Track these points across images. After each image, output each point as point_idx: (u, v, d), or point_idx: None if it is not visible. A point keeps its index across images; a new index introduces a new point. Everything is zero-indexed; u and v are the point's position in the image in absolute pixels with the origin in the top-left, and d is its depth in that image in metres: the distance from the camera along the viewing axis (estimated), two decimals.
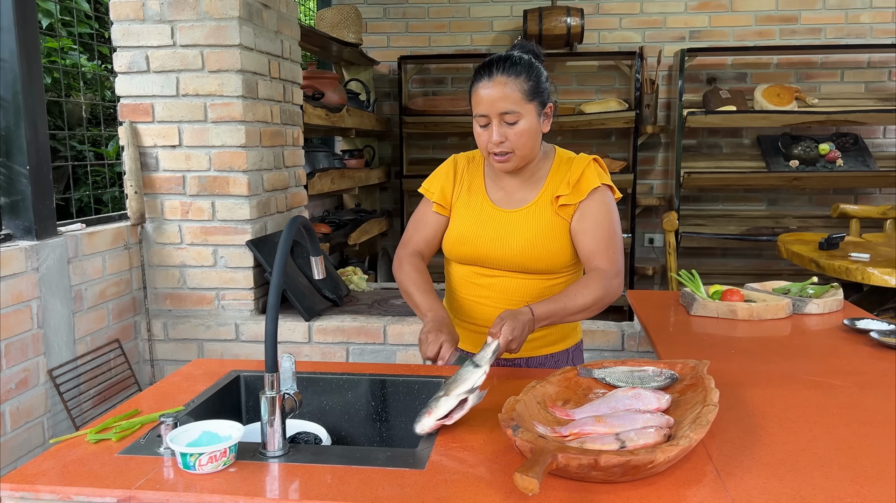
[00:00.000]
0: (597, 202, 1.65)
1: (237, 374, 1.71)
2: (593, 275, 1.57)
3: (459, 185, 1.77)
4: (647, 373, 1.52)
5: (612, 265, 1.58)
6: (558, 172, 1.69)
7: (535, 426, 1.29)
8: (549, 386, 1.45)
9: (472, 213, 1.72)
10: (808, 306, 2.22)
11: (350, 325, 2.67)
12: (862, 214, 4.31)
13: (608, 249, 1.60)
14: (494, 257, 1.68)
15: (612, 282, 1.56)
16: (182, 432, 1.26)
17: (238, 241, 2.75)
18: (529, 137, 1.61)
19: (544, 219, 1.66)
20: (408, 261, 1.79)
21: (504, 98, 1.57)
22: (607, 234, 1.61)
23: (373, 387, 1.68)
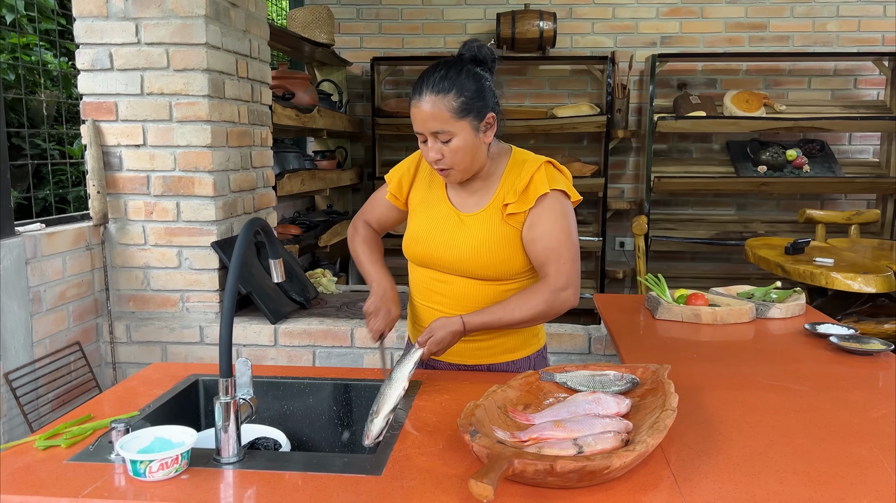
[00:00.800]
0: (546, 210, 1.60)
1: (196, 379, 1.68)
2: (537, 289, 1.57)
3: (420, 181, 1.76)
4: (609, 377, 1.52)
5: (559, 277, 1.57)
6: (511, 174, 1.65)
7: (494, 431, 1.28)
8: (510, 390, 1.44)
9: (430, 212, 1.71)
10: (771, 310, 2.25)
11: (317, 328, 2.65)
12: (828, 220, 4.37)
13: (558, 260, 1.57)
14: (445, 260, 1.67)
15: (558, 295, 1.55)
16: (133, 439, 1.23)
17: (203, 243, 2.71)
18: (465, 153, 1.57)
19: (493, 225, 1.63)
20: (361, 228, 1.84)
21: (433, 118, 1.54)
22: (556, 244, 1.58)
23: (335, 391, 1.66)
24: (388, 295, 1.66)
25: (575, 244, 1.61)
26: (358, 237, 1.83)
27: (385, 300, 1.63)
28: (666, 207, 5.07)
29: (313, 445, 1.67)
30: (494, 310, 1.55)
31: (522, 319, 1.54)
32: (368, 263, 1.76)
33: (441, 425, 1.39)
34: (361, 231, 1.84)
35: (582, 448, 1.19)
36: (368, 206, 1.87)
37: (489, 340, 1.69)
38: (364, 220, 1.86)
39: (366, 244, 1.80)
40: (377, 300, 1.64)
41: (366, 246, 1.80)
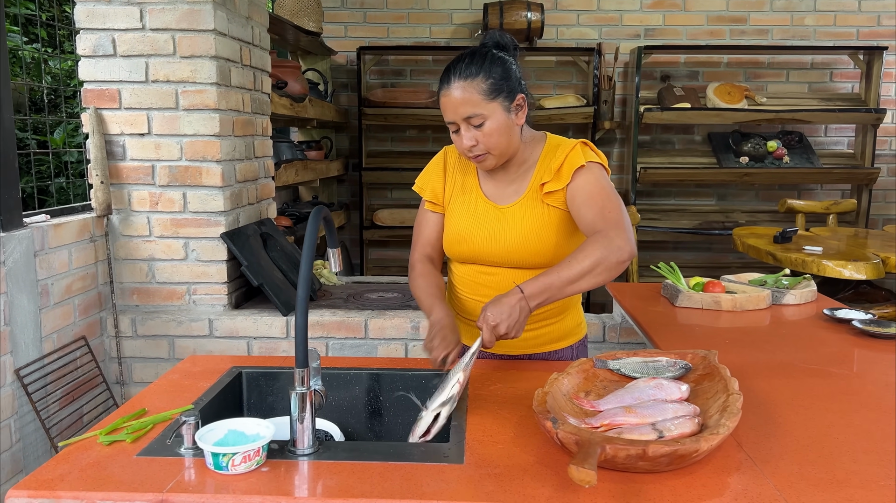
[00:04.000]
0: (583, 178, 1.59)
1: (239, 371, 1.65)
2: (591, 238, 1.50)
3: (452, 181, 1.75)
4: (662, 363, 1.54)
5: (610, 223, 1.51)
6: (547, 159, 1.66)
7: (566, 418, 1.29)
8: (570, 378, 1.45)
9: (468, 210, 1.70)
10: (786, 297, 2.30)
11: (329, 320, 2.62)
12: (807, 209, 4.50)
13: (602, 210, 1.54)
14: (492, 254, 1.67)
15: (611, 240, 1.48)
16: (207, 432, 1.20)
17: (211, 234, 2.65)
18: (501, 135, 1.58)
19: (536, 211, 1.64)
20: (415, 266, 1.78)
21: (464, 103, 1.54)
22: (600, 199, 1.56)
23: (379, 381, 1.65)
24: (445, 323, 1.58)
25: (620, 200, 1.58)
26: (415, 274, 1.77)
27: (442, 328, 1.56)
28: (650, 198, 5.15)
29: (360, 436, 1.66)
30: (550, 270, 1.48)
31: (583, 270, 1.45)
32: (425, 296, 1.70)
33: (504, 413, 1.40)
34: (418, 267, 1.77)
35: (662, 432, 1.20)
36: (416, 234, 1.82)
37: (536, 329, 1.70)
38: (419, 253, 1.79)
39: (422, 278, 1.74)
40: (433, 330, 1.58)
41: (422, 279, 1.73)
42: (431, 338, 1.56)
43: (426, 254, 1.79)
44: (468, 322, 1.77)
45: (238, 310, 2.72)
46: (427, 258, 1.79)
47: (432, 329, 1.60)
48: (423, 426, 1.33)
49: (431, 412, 1.33)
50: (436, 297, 1.69)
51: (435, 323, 1.61)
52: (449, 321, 1.61)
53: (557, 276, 1.46)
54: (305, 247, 1.25)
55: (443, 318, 1.61)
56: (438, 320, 1.61)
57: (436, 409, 1.33)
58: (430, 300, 1.69)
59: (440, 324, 1.59)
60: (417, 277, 1.75)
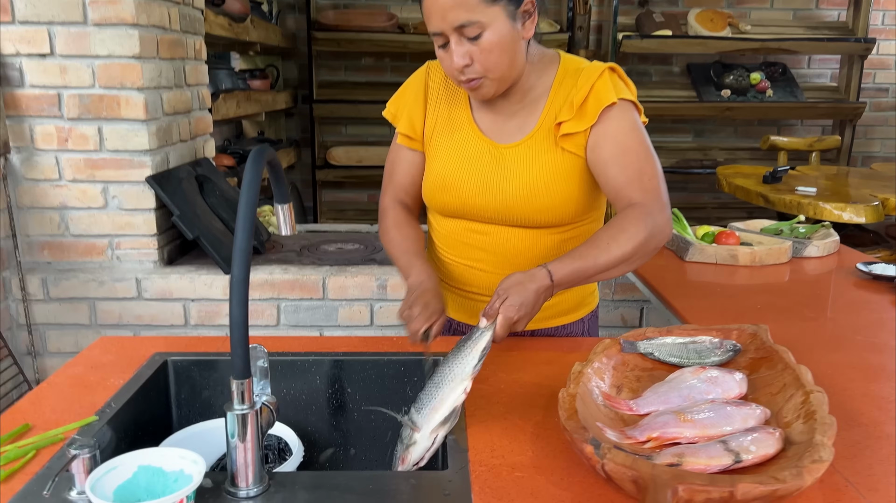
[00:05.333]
0: (615, 124, 1.25)
1: (164, 360, 1.28)
2: (629, 216, 1.19)
3: (435, 110, 1.37)
4: (704, 345, 1.23)
5: (651, 196, 1.22)
6: (563, 88, 1.29)
7: (602, 430, 0.97)
8: (597, 369, 1.13)
9: (455, 148, 1.34)
10: (808, 249, 2.02)
11: (280, 278, 2.25)
12: (790, 147, 4.24)
13: (641, 177, 1.23)
14: (486, 209, 1.31)
15: (655, 219, 1.19)
16: (108, 472, 0.84)
17: (134, 177, 2.22)
18: (503, 52, 1.20)
19: (547, 156, 1.28)
20: (387, 213, 1.43)
21: (456, 5, 1.15)
22: (636, 159, 1.24)
23: (346, 369, 1.30)
24: (426, 286, 1.26)
25: (657, 160, 1.28)
26: (387, 223, 1.42)
27: (423, 293, 1.23)
28: None
29: (323, 441, 1.32)
30: (584, 252, 1.17)
31: (623, 256, 1.16)
32: (400, 253, 1.36)
33: (514, 418, 1.07)
34: (391, 215, 1.42)
35: (739, 454, 0.89)
36: (386, 175, 1.45)
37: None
38: (390, 197, 1.44)
39: (397, 230, 1.39)
40: (411, 295, 1.25)
41: (396, 231, 1.39)
42: (410, 304, 1.22)
43: (400, 200, 1.43)
44: (452, 290, 1.42)
45: (171, 266, 2.32)
46: (401, 204, 1.43)
47: (411, 294, 1.25)
48: (416, 454, 1.00)
49: (429, 436, 0.99)
50: (414, 254, 1.34)
51: (414, 286, 1.27)
52: (431, 284, 1.27)
53: (593, 262, 1.15)
54: (242, 209, 0.87)
55: (424, 281, 1.27)
56: (418, 283, 1.27)
57: (434, 431, 0.99)
58: (406, 258, 1.34)
59: (421, 288, 1.25)
60: (390, 228, 1.40)
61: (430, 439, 1.00)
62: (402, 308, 1.24)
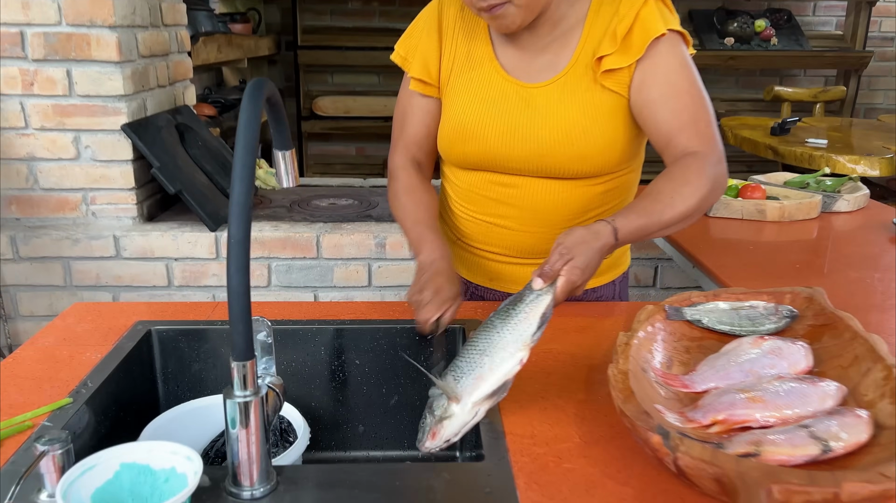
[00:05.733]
0: (664, 56, 1.10)
1: (147, 329, 1.13)
2: (690, 165, 1.05)
3: (452, 48, 1.20)
4: (758, 310, 1.10)
5: (708, 144, 1.08)
6: (600, 17, 1.13)
7: (661, 413, 0.84)
8: (645, 340, 0.99)
9: (476, 91, 1.17)
10: (838, 203, 1.89)
11: (271, 236, 2.09)
12: (794, 97, 4.10)
13: (697, 122, 1.09)
14: (513, 157, 1.16)
15: (716, 169, 1.06)
16: (84, 472, 0.70)
17: (109, 125, 2.04)
18: None
19: (585, 95, 1.13)
20: (398, 175, 1.26)
21: None
22: (692, 100, 1.10)
23: (353, 338, 1.16)
24: (438, 267, 1.11)
25: (710, 102, 1.13)
26: (397, 186, 1.25)
27: (435, 275, 1.08)
28: None
29: (329, 419, 1.18)
30: (648, 207, 1.02)
31: (687, 211, 1.03)
32: (411, 223, 1.20)
33: (553, 397, 0.94)
34: (402, 177, 1.25)
35: (827, 443, 0.77)
36: (396, 128, 1.28)
37: None
38: (401, 155, 1.27)
39: (408, 195, 1.23)
40: (422, 276, 1.10)
41: (408, 197, 1.23)
42: (420, 287, 1.07)
43: (412, 158, 1.27)
44: (469, 251, 1.28)
45: (152, 223, 2.15)
46: (413, 163, 1.27)
47: (421, 275, 1.10)
48: (452, 429, 0.85)
49: (470, 409, 0.85)
50: (426, 226, 1.19)
51: (425, 265, 1.12)
52: (444, 265, 1.11)
53: (658, 218, 1.01)
54: (240, 153, 0.71)
55: (436, 261, 1.12)
56: (430, 262, 1.12)
57: (477, 405, 0.85)
58: (418, 230, 1.19)
59: (433, 268, 1.10)
60: (401, 193, 1.24)
61: (471, 413, 0.84)
62: (411, 291, 1.09)
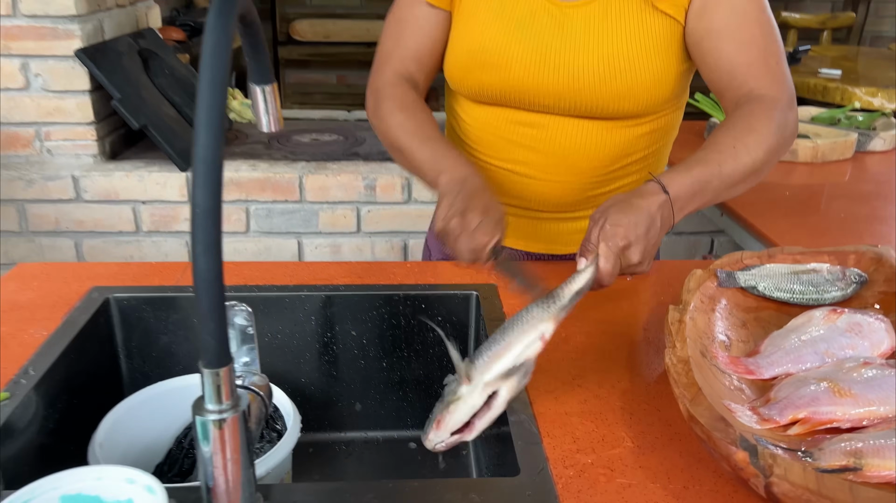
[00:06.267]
0: None
1: (105, 298, 0.96)
2: (756, 110, 0.88)
3: None
4: (822, 274, 0.94)
5: (779, 84, 0.91)
6: None
7: (733, 412, 0.70)
8: (696, 312, 0.84)
9: (499, 7, 0.97)
10: (873, 142, 1.73)
11: (248, 176, 1.89)
12: (801, 24, 3.88)
13: (767, 58, 0.91)
14: (542, 91, 0.96)
15: (786, 116, 0.89)
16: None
17: (61, 51, 1.80)
18: None
19: (634, 18, 0.93)
20: (385, 93, 1.01)
21: None
22: (762, 32, 0.92)
23: (349, 306, 1.00)
24: (473, 185, 0.86)
25: (780, 38, 0.95)
26: (388, 104, 0.99)
27: (474, 194, 0.84)
28: None
29: (322, 396, 1.03)
30: (703, 157, 0.85)
31: (752, 167, 0.86)
32: (419, 142, 0.95)
33: (589, 384, 0.79)
34: (394, 93, 1.00)
35: None
36: (390, 40, 1.03)
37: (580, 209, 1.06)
38: (393, 71, 1.02)
39: (405, 112, 0.98)
40: (455, 200, 0.83)
41: (405, 115, 0.98)
42: (460, 210, 0.82)
43: (405, 74, 1.03)
44: None
45: (115, 162, 1.94)
46: (407, 80, 1.03)
47: (453, 196, 0.84)
48: (459, 416, 0.68)
49: (481, 391, 0.68)
50: (440, 142, 0.95)
51: (454, 185, 0.87)
52: (480, 182, 0.88)
53: (717, 170, 0.84)
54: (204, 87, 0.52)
55: (468, 178, 0.88)
56: (460, 181, 0.87)
57: (490, 386, 0.68)
58: (432, 148, 0.94)
59: (468, 186, 0.85)
60: (396, 111, 0.99)
61: (482, 396, 0.67)
62: (444, 217, 0.83)
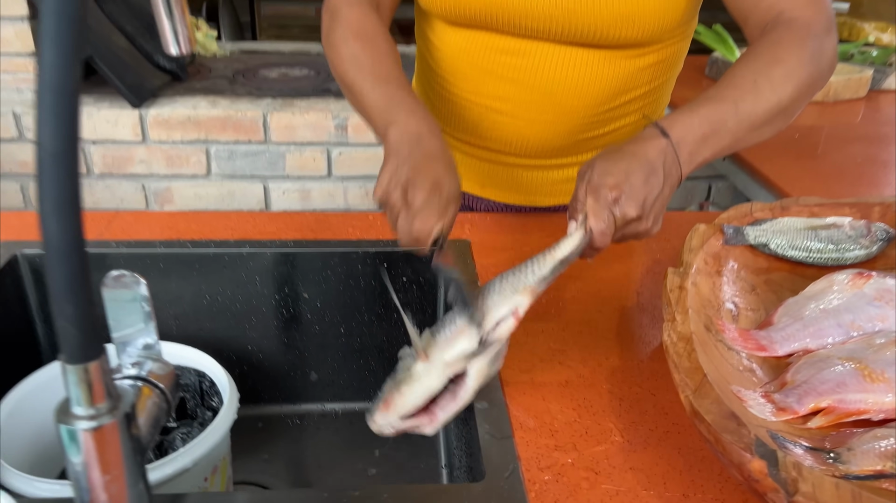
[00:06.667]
0: None
1: (14, 254, 0.82)
2: (784, 38, 0.73)
3: None
4: (844, 230, 0.82)
5: (816, 7, 0.75)
6: None
7: (744, 402, 0.58)
8: (700, 277, 0.71)
9: None
10: (888, 80, 1.59)
11: (208, 114, 1.73)
12: None
13: None
14: (529, 12, 0.80)
15: (822, 43, 0.74)
16: None
17: None
18: None
19: None
20: (345, 16, 0.83)
21: None
22: None
23: (299, 263, 0.87)
24: (426, 147, 0.69)
25: None
26: (341, 30, 0.81)
27: (424, 162, 0.67)
28: None
29: (272, 365, 0.91)
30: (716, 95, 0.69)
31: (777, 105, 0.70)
32: (371, 82, 0.76)
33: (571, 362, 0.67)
34: (348, 15, 0.82)
35: None
36: None
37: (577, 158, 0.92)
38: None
39: (361, 40, 0.79)
40: (401, 165, 0.67)
41: (360, 45, 0.79)
42: (401, 181, 0.66)
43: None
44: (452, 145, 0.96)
45: None
46: (366, 2, 0.85)
47: (400, 160, 0.68)
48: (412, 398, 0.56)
49: (440, 372, 0.56)
50: (397, 85, 0.76)
51: (405, 144, 0.69)
52: (435, 142, 0.70)
53: (734, 109, 0.68)
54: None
55: (422, 136, 0.70)
56: (412, 138, 0.70)
57: (451, 366, 0.56)
58: (384, 90, 0.75)
59: (419, 149, 0.69)
60: (350, 38, 0.80)
61: (439, 377, 0.56)
62: (384, 187, 0.67)
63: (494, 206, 0.97)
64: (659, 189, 0.63)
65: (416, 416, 0.57)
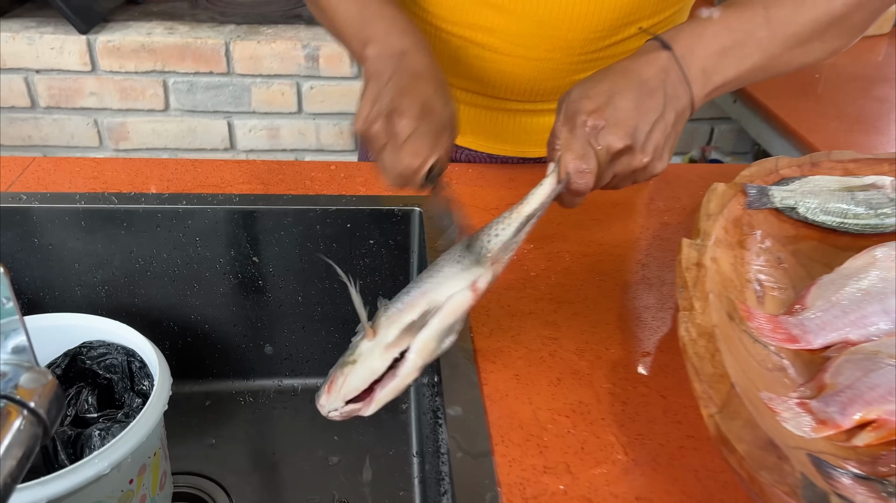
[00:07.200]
0: None
1: None
2: None
3: None
4: (886, 191, 0.70)
5: None
6: None
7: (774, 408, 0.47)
8: (721, 251, 0.60)
9: None
10: None
11: (164, 42, 1.56)
12: None
13: None
14: None
15: None
16: None
17: None
18: None
19: None
20: None
21: None
22: None
23: (250, 223, 0.74)
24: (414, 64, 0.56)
25: None
26: None
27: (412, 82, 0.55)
28: None
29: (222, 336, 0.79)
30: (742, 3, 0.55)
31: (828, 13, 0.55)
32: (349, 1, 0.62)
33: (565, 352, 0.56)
34: None
35: None
36: None
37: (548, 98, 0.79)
38: None
39: None
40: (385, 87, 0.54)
41: None
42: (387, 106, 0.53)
43: None
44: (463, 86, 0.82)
45: (1, 20, 1.60)
46: None
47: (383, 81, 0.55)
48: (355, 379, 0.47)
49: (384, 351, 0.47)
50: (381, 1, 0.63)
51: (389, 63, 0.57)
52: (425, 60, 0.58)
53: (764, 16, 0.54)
54: None
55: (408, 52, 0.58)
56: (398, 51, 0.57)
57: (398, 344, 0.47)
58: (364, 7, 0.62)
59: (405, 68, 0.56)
60: None
61: (384, 357, 0.47)
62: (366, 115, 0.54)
63: (477, 156, 0.84)
64: (657, 114, 0.50)
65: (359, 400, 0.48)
